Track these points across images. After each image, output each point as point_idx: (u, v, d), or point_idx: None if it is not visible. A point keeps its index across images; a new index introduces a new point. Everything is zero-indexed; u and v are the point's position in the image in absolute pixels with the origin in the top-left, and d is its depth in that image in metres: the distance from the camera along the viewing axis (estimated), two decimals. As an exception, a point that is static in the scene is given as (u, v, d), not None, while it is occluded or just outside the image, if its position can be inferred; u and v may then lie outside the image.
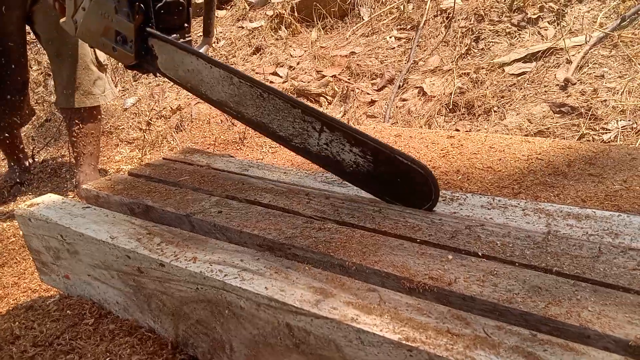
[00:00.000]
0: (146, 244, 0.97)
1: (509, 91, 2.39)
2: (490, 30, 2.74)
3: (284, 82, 3.09)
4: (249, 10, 3.82)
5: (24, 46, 2.26)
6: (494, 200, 1.05)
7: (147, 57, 1.24)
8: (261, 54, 3.42)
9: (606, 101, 2.10)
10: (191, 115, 3.04)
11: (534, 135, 2.12)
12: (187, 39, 1.30)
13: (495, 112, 2.34)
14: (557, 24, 2.56)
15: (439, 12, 3.03)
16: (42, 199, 1.24)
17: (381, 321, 0.68)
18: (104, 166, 2.79)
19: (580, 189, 1.36)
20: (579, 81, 2.25)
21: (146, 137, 3.00)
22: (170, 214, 1.10)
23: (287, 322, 0.76)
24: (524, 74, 2.43)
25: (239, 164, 1.39)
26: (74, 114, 2.25)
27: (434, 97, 2.59)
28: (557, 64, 2.39)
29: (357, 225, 0.96)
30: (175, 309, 0.95)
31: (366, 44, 3.15)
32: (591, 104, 2.12)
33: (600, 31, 2.38)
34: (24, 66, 2.29)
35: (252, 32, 3.62)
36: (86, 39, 1.36)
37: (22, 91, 2.33)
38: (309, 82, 3.02)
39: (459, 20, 2.89)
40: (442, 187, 1.45)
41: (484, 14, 2.81)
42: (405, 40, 3.05)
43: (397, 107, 2.68)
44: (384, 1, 3.33)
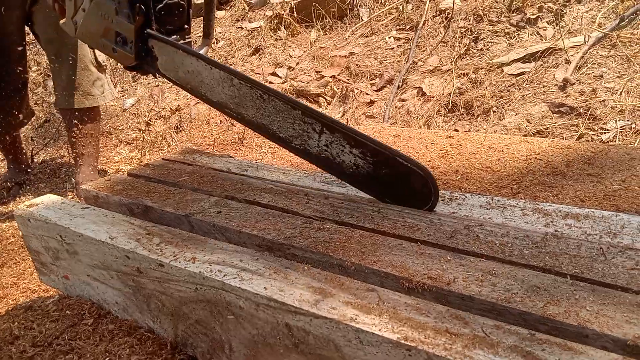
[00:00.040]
0: (145, 244, 0.97)
1: (508, 91, 2.39)
2: (489, 30, 2.74)
3: (283, 83, 3.10)
4: (248, 10, 3.82)
5: (23, 47, 2.26)
6: (492, 200, 1.05)
7: (147, 58, 1.24)
8: (260, 55, 3.42)
9: (605, 101, 2.11)
10: (190, 115, 3.04)
11: (532, 135, 2.12)
12: (187, 40, 1.30)
13: (494, 112, 2.34)
14: (556, 24, 2.57)
15: (438, 13, 3.03)
16: (41, 200, 1.24)
17: (380, 321, 0.68)
18: (103, 167, 2.79)
19: (579, 188, 1.36)
20: (577, 81, 2.25)
21: (145, 137, 3.00)
22: (169, 214, 1.10)
23: (286, 322, 0.76)
24: (522, 74, 2.44)
25: (238, 164, 1.39)
26: (73, 114, 2.25)
27: (433, 97, 2.59)
28: (556, 64, 2.39)
29: (356, 225, 0.96)
30: (174, 309, 0.95)
31: (365, 44, 3.15)
32: (590, 104, 2.12)
33: (599, 31, 2.38)
34: (23, 67, 2.29)
35: (252, 32, 3.62)
36: (86, 40, 1.36)
37: (21, 92, 2.33)
38: (308, 83, 3.02)
39: (458, 20, 2.89)
40: (441, 187, 1.45)
41: (483, 14, 2.81)
42: (404, 40, 3.06)
43: (396, 107, 2.68)
44: (383, 1, 3.33)
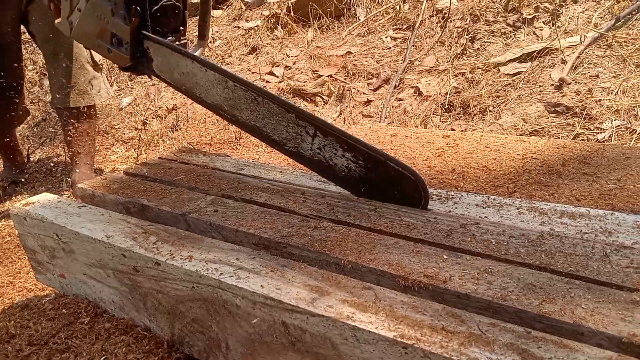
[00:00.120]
0: (142, 243, 0.97)
1: (504, 91, 2.40)
2: (485, 30, 2.75)
3: (280, 82, 3.09)
4: (245, 10, 3.81)
5: (19, 46, 2.25)
6: (488, 199, 1.06)
7: (143, 59, 1.24)
8: (257, 54, 3.42)
9: (601, 101, 2.12)
10: (187, 114, 3.04)
11: (529, 134, 2.13)
12: (183, 41, 1.30)
13: (490, 111, 2.35)
14: (552, 24, 2.57)
15: (434, 12, 3.03)
16: (37, 198, 1.24)
17: (376, 319, 0.69)
18: (100, 166, 2.79)
19: (574, 187, 1.37)
20: (573, 81, 2.26)
21: (142, 136, 3.00)
22: (165, 213, 1.10)
23: (282, 320, 0.76)
24: (519, 73, 2.44)
25: (235, 163, 1.39)
26: (69, 113, 2.24)
27: (430, 96, 2.59)
28: (552, 64, 2.40)
29: (353, 224, 0.96)
30: (171, 307, 0.95)
31: (362, 43, 3.15)
32: (586, 103, 2.13)
33: (594, 31, 2.39)
34: (19, 66, 2.28)
35: (248, 31, 3.61)
36: (81, 40, 1.36)
37: (17, 91, 2.33)
38: (305, 82, 3.02)
39: (454, 20, 2.90)
40: (438, 186, 1.45)
41: (479, 14, 2.82)
42: (401, 40, 3.06)
43: (393, 106, 2.68)
44: (379, 1, 3.33)
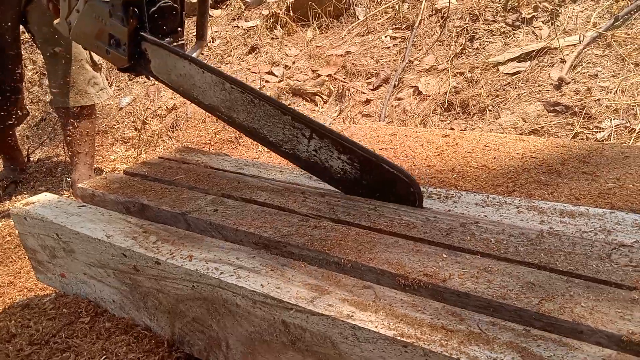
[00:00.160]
0: (142, 243, 0.97)
1: (504, 90, 2.40)
2: (484, 29, 2.75)
3: (280, 82, 3.10)
4: (245, 9, 3.81)
5: (18, 46, 2.25)
6: (488, 198, 1.06)
7: (141, 60, 1.24)
8: (257, 54, 3.42)
9: (600, 100, 2.12)
10: (187, 114, 3.04)
11: (528, 134, 2.13)
12: (180, 42, 1.31)
13: (489, 111, 2.35)
14: (551, 24, 2.58)
15: (434, 12, 3.04)
16: (37, 198, 1.24)
17: (376, 318, 0.69)
18: (99, 165, 2.79)
19: (574, 187, 1.37)
20: (572, 80, 2.26)
21: (141, 136, 3.00)
22: (165, 213, 1.10)
23: (283, 319, 0.77)
24: (518, 73, 2.44)
25: (235, 163, 1.39)
26: (68, 113, 2.24)
27: (429, 96, 2.60)
28: (551, 63, 2.40)
29: (353, 223, 0.96)
30: (171, 307, 0.95)
31: (361, 43, 3.15)
32: (585, 103, 2.13)
33: (593, 31, 2.39)
34: (18, 65, 2.28)
35: (248, 31, 3.61)
36: (80, 41, 1.36)
37: (16, 91, 2.33)
38: (304, 82, 3.03)
39: (453, 19, 2.90)
40: (437, 185, 1.45)
41: (478, 13, 2.82)
42: (400, 39, 3.06)
43: (392, 106, 2.69)
44: (379, 1, 3.33)
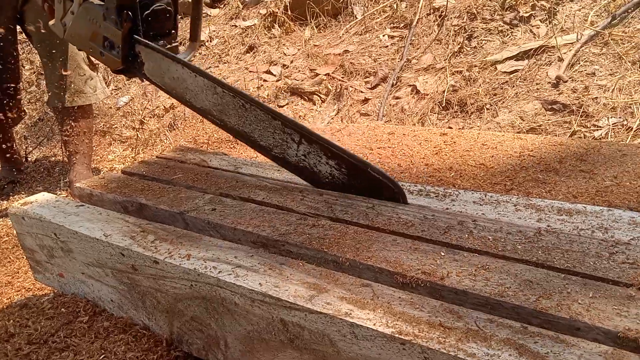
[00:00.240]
0: (140, 242, 0.97)
1: (502, 89, 2.41)
2: (482, 28, 2.75)
3: (278, 81, 3.10)
4: (242, 8, 3.81)
5: (15, 46, 2.25)
6: (486, 196, 1.06)
7: (134, 63, 1.25)
8: (254, 53, 3.42)
9: (597, 98, 2.12)
10: (184, 113, 3.04)
11: (526, 132, 2.14)
12: (174, 44, 1.32)
13: (487, 109, 2.36)
14: (549, 22, 2.58)
15: (431, 11, 3.04)
16: (35, 198, 1.24)
17: (374, 315, 0.69)
18: (97, 165, 2.79)
19: (571, 185, 1.37)
20: (570, 79, 2.27)
21: (139, 135, 2.99)
22: (163, 212, 1.10)
23: (281, 318, 0.77)
24: (516, 71, 2.45)
25: (233, 162, 1.39)
26: (65, 113, 2.24)
27: (427, 95, 2.60)
28: (549, 61, 2.40)
29: (351, 221, 0.96)
30: (169, 306, 0.95)
31: (359, 42, 3.15)
32: (582, 101, 2.13)
33: (591, 29, 2.40)
34: (15, 65, 2.28)
35: (246, 30, 3.61)
36: (74, 42, 1.37)
37: (14, 91, 2.33)
38: (302, 81, 3.03)
39: (451, 18, 2.90)
40: (435, 183, 1.45)
41: (476, 12, 2.82)
42: (398, 38, 3.06)
43: (390, 105, 2.69)
44: (377, 0, 3.33)
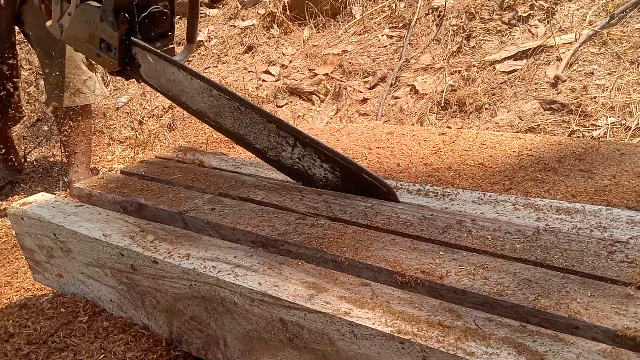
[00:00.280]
0: (139, 242, 0.97)
1: (500, 88, 2.41)
2: (481, 28, 2.75)
3: (277, 81, 3.10)
4: (241, 8, 3.81)
5: (13, 46, 2.25)
6: (484, 195, 1.06)
7: (131, 64, 1.26)
8: (253, 53, 3.42)
9: (596, 98, 2.13)
10: (183, 114, 3.03)
11: (524, 132, 2.14)
12: (171, 46, 1.33)
13: (486, 109, 2.36)
14: (547, 22, 2.58)
15: (430, 11, 3.04)
16: (34, 198, 1.24)
17: (374, 314, 0.69)
18: (96, 165, 2.79)
19: (570, 184, 1.38)
20: (569, 78, 2.27)
21: (138, 136, 2.99)
22: (163, 212, 1.10)
23: (280, 317, 0.77)
24: (514, 71, 2.45)
25: (232, 162, 1.39)
26: (64, 113, 2.24)
27: (426, 94, 2.60)
28: (548, 61, 2.41)
29: (350, 221, 0.96)
30: (169, 305, 0.95)
31: (358, 42, 3.16)
32: (581, 100, 2.14)
33: (589, 29, 2.40)
34: (13, 66, 2.28)
35: (244, 30, 3.61)
36: (71, 44, 1.38)
37: (12, 91, 2.32)
38: (301, 81, 3.03)
39: (450, 18, 2.90)
40: (434, 183, 1.46)
41: (475, 12, 2.82)
42: (397, 38, 3.06)
43: (389, 105, 2.69)
44: (375, -1, 3.33)
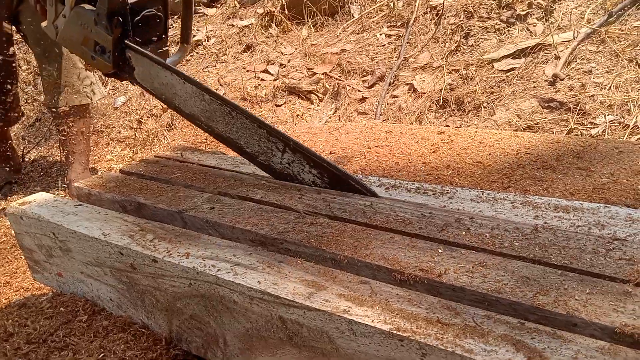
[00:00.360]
0: (139, 241, 0.98)
1: (498, 87, 2.41)
2: (479, 26, 2.76)
3: (275, 80, 3.09)
4: (239, 8, 3.81)
5: (10, 46, 2.25)
6: (483, 193, 1.06)
7: (125, 67, 1.27)
8: (252, 52, 3.42)
9: (594, 96, 2.13)
10: (182, 113, 3.03)
11: (523, 130, 2.14)
12: (165, 49, 1.34)
13: (484, 107, 2.36)
14: (546, 20, 2.59)
15: (428, 9, 3.04)
16: (33, 197, 1.24)
17: (373, 312, 0.69)
18: (95, 165, 2.79)
19: (568, 182, 1.38)
20: (567, 77, 2.27)
21: (137, 135, 2.99)
22: (162, 211, 1.10)
23: (280, 315, 0.77)
24: (513, 70, 2.45)
25: (231, 161, 1.39)
26: (63, 113, 2.24)
27: (425, 93, 2.60)
28: (546, 59, 2.41)
29: (349, 219, 0.97)
30: (168, 304, 0.96)
31: (357, 41, 3.16)
32: (579, 99, 2.14)
33: (587, 27, 2.40)
34: (11, 66, 2.28)
35: (243, 30, 3.61)
36: (66, 45, 1.39)
37: (10, 91, 2.32)
38: (300, 80, 3.03)
39: (448, 17, 2.90)
40: (433, 181, 1.46)
41: (473, 10, 2.82)
42: (395, 37, 3.06)
43: (388, 103, 2.69)
44: (374, -2, 3.33)
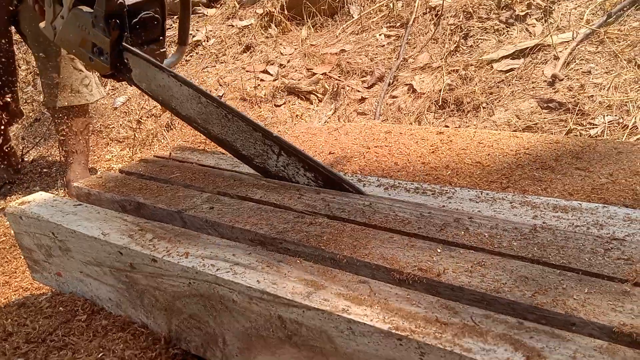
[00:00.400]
0: (138, 240, 0.98)
1: (498, 87, 2.41)
2: (478, 27, 2.76)
3: (275, 80, 3.10)
4: (239, 8, 3.81)
5: (10, 46, 2.25)
6: (482, 193, 1.07)
7: (122, 68, 1.28)
8: (251, 52, 3.42)
9: (593, 97, 2.13)
10: (182, 113, 3.03)
11: (522, 130, 2.14)
12: (162, 50, 1.35)
13: (484, 108, 2.36)
14: (545, 21, 2.59)
15: (428, 10, 3.04)
16: (33, 197, 1.24)
17: (371, 311, 0.70)
18: (95, 165, 2.79)
19: (567, 182, 1.38)
20: (566, 77, 2.28)
21: (137, 135, 2.99)
22: (161, 211, 1.11)
23: (279, 315, 0.77)
24: (512, 70, 2.45)
25: (230, 161, 1.40)
26: (62, 112, 2.24)
27: (424, 94, 2.60)
28: (545, 60, 2.41)
29: (348, 219, 0.97)
30: (167, 304, 0.96)
31: (356, 41, 3.16)
32: (578, 99, 2.14)
33: (586, 28, 2.41)
34: (10, 65, 2.28)
35: (242, 30, 3.61)
36: (64, 46, 1.39)
37: (10, 91, 2.32)
38: (299, 80, 3.03)
39: (447, 17, 2.91)
40: (432, 182, 1.46)
41: (472, 11, 2.83)
42: (394, 37, 3.07)
43: (387, 104, 2.69)
44: (373, -1, 3.34)
